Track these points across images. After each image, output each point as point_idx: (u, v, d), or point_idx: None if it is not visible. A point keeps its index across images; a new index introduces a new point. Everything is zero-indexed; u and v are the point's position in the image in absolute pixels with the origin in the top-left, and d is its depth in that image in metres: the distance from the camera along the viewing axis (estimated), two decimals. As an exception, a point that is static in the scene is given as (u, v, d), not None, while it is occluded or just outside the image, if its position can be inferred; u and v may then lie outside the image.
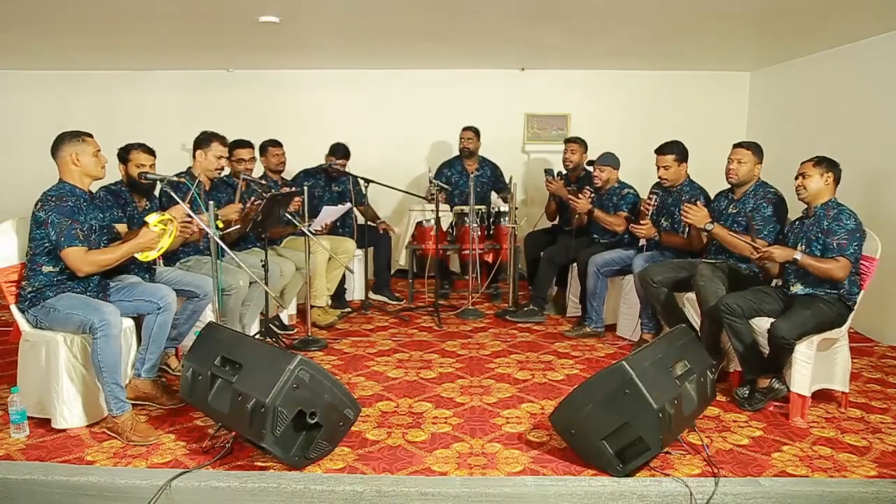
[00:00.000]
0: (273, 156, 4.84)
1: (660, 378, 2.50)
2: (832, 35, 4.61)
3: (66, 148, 2.89)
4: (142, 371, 3.12)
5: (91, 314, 2.77)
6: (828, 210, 3.13)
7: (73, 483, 2.45)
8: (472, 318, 4.82)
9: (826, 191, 3.15)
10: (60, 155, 2.90)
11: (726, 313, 3.16)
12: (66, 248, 2.78)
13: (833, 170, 3.14)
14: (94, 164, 2.94)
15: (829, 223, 3.09)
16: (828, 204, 3.15)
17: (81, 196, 2.92)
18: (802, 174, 3.18)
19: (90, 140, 2.95)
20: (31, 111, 6.15)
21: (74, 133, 2.92)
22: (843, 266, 3.00)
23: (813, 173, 3.14)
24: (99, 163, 2.96)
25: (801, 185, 3.17)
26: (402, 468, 2.59)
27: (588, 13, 4.11)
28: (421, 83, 6.26)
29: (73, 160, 2.88)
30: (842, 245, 3.02)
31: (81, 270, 2.83)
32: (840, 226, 3.05)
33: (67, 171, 2.91)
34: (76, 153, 2.88)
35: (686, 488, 2.40)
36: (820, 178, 3.13)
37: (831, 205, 3.14)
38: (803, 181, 3.16)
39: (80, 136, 2.91)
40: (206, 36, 4.84)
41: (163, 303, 3.06)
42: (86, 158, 2.91)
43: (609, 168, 4.58)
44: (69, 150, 2.88)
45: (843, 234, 3.02)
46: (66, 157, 2.89)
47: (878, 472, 2.56)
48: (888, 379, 3.63)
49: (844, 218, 3.06)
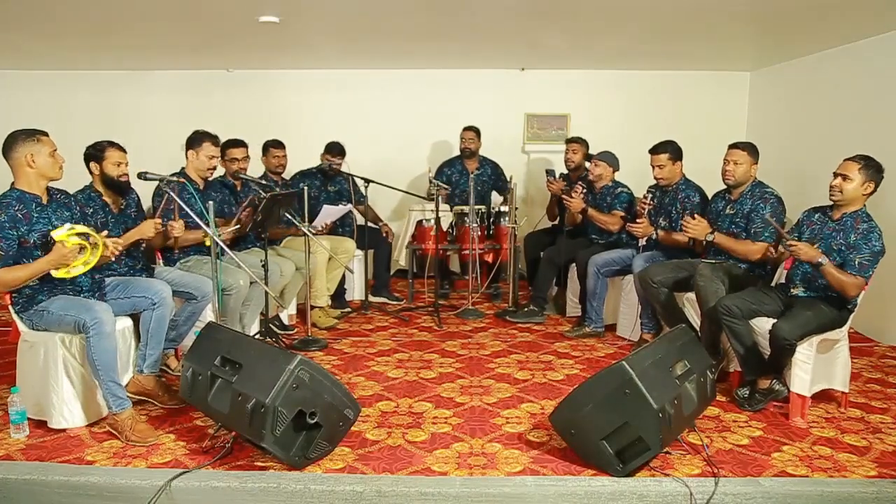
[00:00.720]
0: (273, 157, 4.84)
1: (660, 378, 2.50)
2: (832, 35, 4.61)
3: (20, 148, 2.73)
4: (143, 367, 3.12)
5: (82, 313, 2.76)
6: (857, 221, 2.98)
7: (73, 483, 2.45)
8: (472, 318, 4.82)
9: (860, 200, 3.00)
10: (13, 156, 2.74)
11: (725, 315, 3.15)
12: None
13: (877, 178, 2.94)
14: (51, 164, 2.78)
15: (856, 239, 2.95)
16: (858, 214, 2.99)
17: (32, 201, 2.78)
18: (843, 175, 2.97)
19: (46, 139, 2.79)
20: (31, 111, 6.13)
21: (29, 132, 2.76)
22: (858, 285, 2.94)
23: (855, 178, 2.95)
24: (56, 163, 2.81)
25: (838, 187, 2.98)
26: (402, 468, 2.59)
27: (588, 13, 4.11)
28: (421, 83, 6.26)
29: (28, 161, 2.73)
30: (863, 266, 2.92)
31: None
32: (868, 246, 2.92)
33: (21, 174, 2.76)
34: (31, 153, 2.73)
35: (686, 488, 2.40)
36: (860, 185, 2.95)
37: (861, 216, 2.99)
38: (842, 183, 2.97)
39: (34, 136, 2.76)
40: (206, 36, 4.84)
41: (157, 298, 3.06)
42: (42, 159, 2.75)
43: (604, 164, 4.59)
44: (24, 151, 2.73)
45: (868, 256, 2.92)
46: (21, 159, 2.73)
47: (878, 472, 2.56)
48: (888, 379, 3.63)
49: (874, 238, 2.92)
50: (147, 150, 4.45)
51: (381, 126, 6.31)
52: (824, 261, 2.92)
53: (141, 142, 3.68)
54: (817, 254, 2.94)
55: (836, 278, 2.92)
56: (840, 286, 2.94)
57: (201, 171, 3.80)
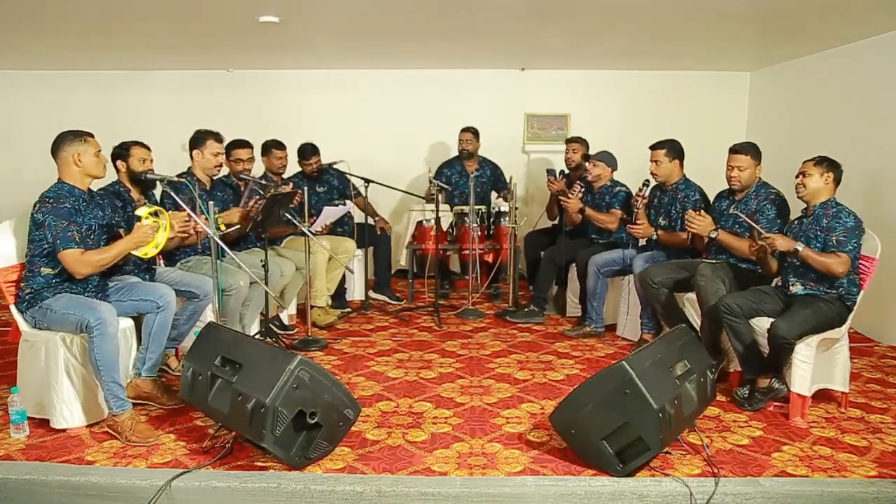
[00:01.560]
0: (276, 158, 4.83)
1: (660, 378, 2.50)
2: (832, 35, 4.61)
3: (68, 148, 2.89)
4: (142, 370, 3.12)
5: (86, 313, 2.77)
6: (826, 209, 3.14)
7: (73, 483, 2.45)
8: (472, 318, 4.82)
9: (825, 190, 3.16)
10: (62, 155, 2.90)
11: (726, 313, 3.16)
12: (63, 251, 2.79)
13: (833, 170, 3.15)
14: (96, 164, 2.94)
15: (828, 221, 3.10)
16: (827, 203, 3.16)
17: (80, 196, 2.93)
18: (803, 173, 3.19)
19: (92, 140, 2.95)
20: (31, 111, 6.15)
21: (76, 133, 2.92)
22: (842, 262, 3.01)
23: (813, 172, 3.15)
24: (100, 163, 2.97)
25: (801, 184, 3.19)
26: (402, 468, 2.59)
27: (588, 13, 4.11)
28: (421, 83, 6.26)
29: (75, 160, 2.88)
30: (841, 241, 3.03)
31: (79, 272, 2.83)
32: (839, 223, 3.06)
33: (68, 171, 2.91)
34: (78, 153, 2.89)
35: (686, 488, 2.40)
36: (820, 177, 3.14)
37: (830, 204, 3.15)
38: (803, 180, 3.18)
39: (82, 136, 2.92)
40: (206, 36, 4.84)
41: (162, 302, 3.06)
42: (87, 158, 2.91)
43: (602, 164, 4.60)
44: (71, 150, 2.88)
45: (842, 231, 3.04)
46: (68, 157, 2.89)
47: (878, 472, 2.56)
48: (888, 379, 3.63)
49: (843, 216, 3.08)
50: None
51: (380, 126, 6.30)
52: (800, 247, 3.06)
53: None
54: (792, 242, 3.09)
55: (818, 261, 3.04)
56: (825, 268, 3.03)
57: (208, 169, 3.81)
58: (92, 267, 2.86)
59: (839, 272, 3.02)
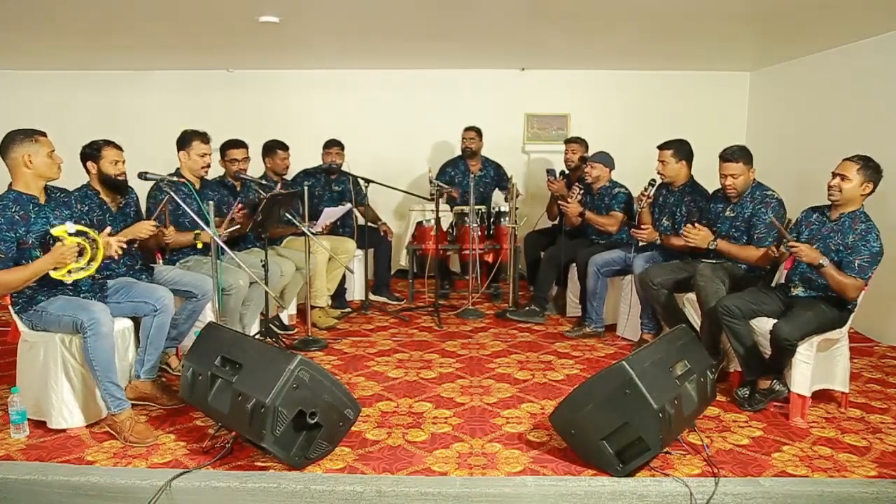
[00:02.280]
0: (281, 159, 4.80)
1: (660, 378, 2.50)
2: (832, 35, 4.61)
3: (18, 148, 2.70)
4: (141, 372, 3.12)
5: (80, 314, 2.75)
6: (855, 222, 2.98)
7: (73, 483, 2.45)
8: (472, 318, 4.82)
9: (858, 200, 3.00)
10: (11, 156, 2.71)
11: (725, 315, 3.15)
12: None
13: (875, 178, 2.95)
14: (49, 164, 2.76)
15: (855, 240, 2.95)
16: (856, 214, 3.00)
17: (29, 202, 2.76)
18: (842, 175, 2.97)
19: (44, 139, 2.77)
20: (31, 111, 6.13)
21: (27, 131, 2.74)
22: (858, 287, 2.93)
23: (853, 179, 2.95)
24: (54, 163, 2.79)
25: (837, 187, 2.98)
26: (402, 468, 2.59)
27: (588, 13, 4.11)
28: (421, 83, 6.26)
29: (25, 161, 2.71)
30: (863, 268, 2.92)
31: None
32: (866, 247, 2.92)
33: (19, 174, 2.74)
34: (29, 154, 2.71)
35: (686, 488, 2.40)
36: (859, 185, 2.95)
37: (860, 217, 2.99)
38: (840, 182, 2.97)
39: (32, 136, 2.73)
40: (206, 36, 4.84)
41: (159, 304, 3.06)
42: (39, 159, 2.73)
43: (600, 165, 4.59)
44: (21, 151, 2.70)
45: (867, 257, 2.92)
46: (18, 158, 2.71)
47: (878, 472, 2.56)
48: (888, 379, 3.63)
49: (872, 239, 2.93)
50: (147, 150, 4.45)
51: (381, 126, 6.30)
52: (825, 262, 2.92)
53: (141, 142, 3.67)
54: (818, 255, 2.94)
55: (837, 280, 2.93)
56: (840, 288, 2.94)
57: (195, 170, 3.76)
58: (4, 287, 2.66)
59: (851, 296, 2.95)
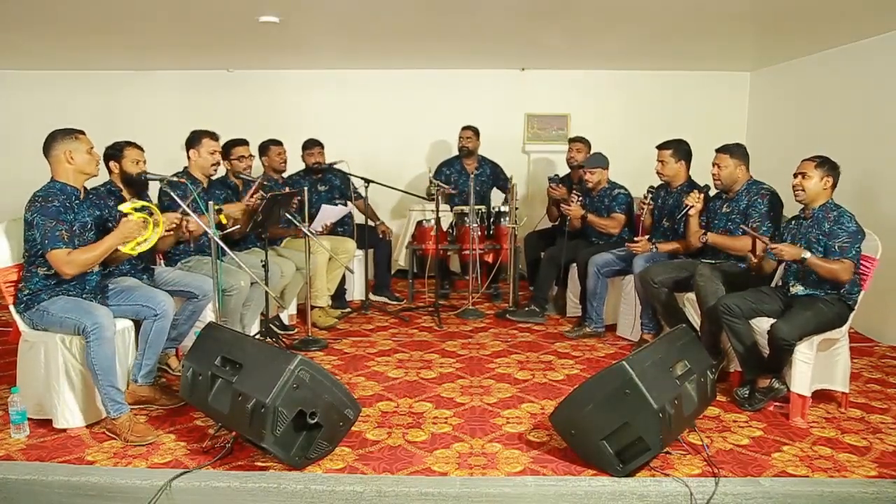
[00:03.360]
0: (276, 154, 4.83)
1: (660, 378, 2.50)
2: (832, 35, 4.61)
3: (60, 146, 2.84)
4: (139, 377, 3.11)
5: (83, 317, 2.76)
6: (827, 212, 3.11)
7: (73, 483, 2.45)
8: (472, 318, 4.82)
9: (824, 194, 3.14)
10: (53, 153, 2.85)
11: (725, 314, 3.16)
12: (50, 251, 2.75)
13: (833, 174, 3.11)
14: (88, 161, 2.90)
15: (830, 226, 3.07)
16: (826, 206, 3.13)
17: (72, 194, 2.89)
18: (802, 174, 3.15)
19: (83, 137, 2.90)
20: (31, 111, 6.14)
21: (68, 130, 2.87)
22: (847, 268, 2.98)
23: (813, 175, 3.11)
24: (93, 160, 2.93)
25: (800, 185, 3.15)
26: (403, 468, 2.59)
27: (588, 13, 4.11)
28: (421, 83, 6.26)
29: (66, 158, 2.84)
30: (844, 248, 3.01)
31: (66, 273, 2.78)
32: (842, 229, 3.03)
33: (61, 170, 2.87)
34: (70, 150, 2.84)
35: (686, 488, 2.40)
36: (819, 180, 3.11)
37: (830, 206, 3.13)
38: (802, 181, 3.14)
39: (73, 134, 2.87)
40: (206, 36, 4.84)
41: (160, 309, 3.05)
42: (80, 156, 2.86)
43: (599, 170, 4.62)
44: (63, 148, 2.84)
45: (845, 237, 3.01)
46: (60, 155, 2.84)
47: (878, 472, 2.56)
48: (888, 379, 3.63)
49: (845, 221, 3.05)
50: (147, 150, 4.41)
51: (380, 126, 6.30)
52: (807, 255, 3.01)
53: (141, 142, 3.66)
54: (799, 250, 3.03)
55: (824, 268, 3.00)
56: (831, 274, 3.00)
57: (205, 168, 3.79)
58: (79, 266, 2.80)
59: (845, 279, 3.00)
